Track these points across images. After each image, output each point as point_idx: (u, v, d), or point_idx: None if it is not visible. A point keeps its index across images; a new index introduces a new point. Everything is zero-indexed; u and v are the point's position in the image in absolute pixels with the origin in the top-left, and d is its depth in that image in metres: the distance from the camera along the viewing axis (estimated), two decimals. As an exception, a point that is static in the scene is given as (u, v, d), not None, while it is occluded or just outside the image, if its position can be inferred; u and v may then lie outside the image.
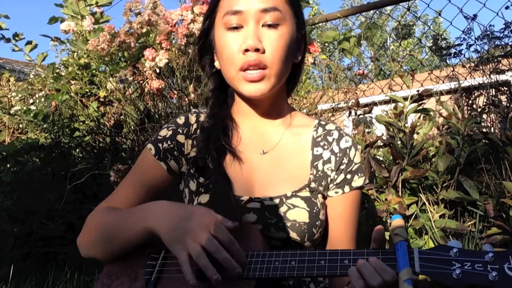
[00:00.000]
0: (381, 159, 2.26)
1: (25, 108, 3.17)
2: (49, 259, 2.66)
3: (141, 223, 0.99)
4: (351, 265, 0.83)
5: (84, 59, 2.81)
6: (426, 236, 1.91)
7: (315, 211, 1.03)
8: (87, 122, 2.76)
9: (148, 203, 1.04)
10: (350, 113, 2.67)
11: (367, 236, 1.71)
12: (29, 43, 3.16)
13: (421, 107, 2.13)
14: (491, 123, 2.56)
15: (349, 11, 3.34)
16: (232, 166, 1.08)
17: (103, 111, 2.78)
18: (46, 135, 3.00)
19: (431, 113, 2.22)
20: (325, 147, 1.11)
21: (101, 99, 2.77)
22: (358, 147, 1.16)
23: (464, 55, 2.94)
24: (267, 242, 0.99)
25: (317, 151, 1.11)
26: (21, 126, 3.55)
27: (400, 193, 1.94)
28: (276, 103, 1.12)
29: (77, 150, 2.95)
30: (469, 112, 2.53)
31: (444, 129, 2.30)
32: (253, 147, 1.11)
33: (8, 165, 2.85)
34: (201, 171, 1.07)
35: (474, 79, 2.77)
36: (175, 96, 2.48)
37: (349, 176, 1.09)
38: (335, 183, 1.09)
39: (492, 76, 2.68)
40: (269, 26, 1.03)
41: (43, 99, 3.21)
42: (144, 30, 2.39)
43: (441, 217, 1.91)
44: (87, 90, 2.75)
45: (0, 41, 3.10)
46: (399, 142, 2.08)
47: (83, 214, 2.53)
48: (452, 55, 2.98)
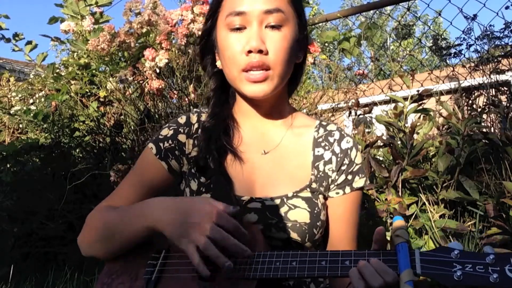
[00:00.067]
0: (381, 159, 2.26)
1: (25, 108, 3.17)
2: (49, 259, 2.65)
3: (141, 222, 0.99)
4: (352, 266, 0.83)
5: (84, 59, 2.81)
6: (426, 236, 1.91)
7: (316, 211, 1.03)
8: (87, 122, 2.76)
9: (146, 200, 1.03)
10: (350, 113, 2.67)
11: (367, 236, 1.72)
12: (29, 43, 3.16)
13: (421, 107, 2.13)
14: (491, 123, 2.56)
15: (349, 11, 3.34)
16: (233, 166, 1.08)
17: (103, 111, 2.77)
18: (46, 135, 3.00)
19: (431, 113, 2.22)
20: (326, 148, 1.11)
21: (101, 99, 2.76)
22: (359, 147, 1.16)
23: (464, 55, 2.95)
24: (268, 242, 0.99)
25: (318, 152, 1.11)
26: (21, 126, 3.55)
27: (400, 193, 1.94)
28: (277, 103, 1.12)
29: (77, 150, 2.95)
30: (469, 112, 2.53)
31: (444, 129, 2.30)
32: (254, 147, 1.11)
33: (8, 165, 2.85)
34: (202, 171, 1.07)
35: (474, 79, 2.77)
36: (175, 96, 2.48)
37: (350, 177, 1.09)
38: (336, 183, 1.09)
39: (492, 76, 2.68)
40: (272, 27, 1.02)
41: (43, 99, 3.21)
42: (144, 30, 2.39)
43: (441, 217, 1.92)
44: (87, 90, 2.75)
45: (0, 41, 3.10)
46: (399, 142, 2.09)
47: (83, 214, 2.52)
48: (452, 55, 2.98)
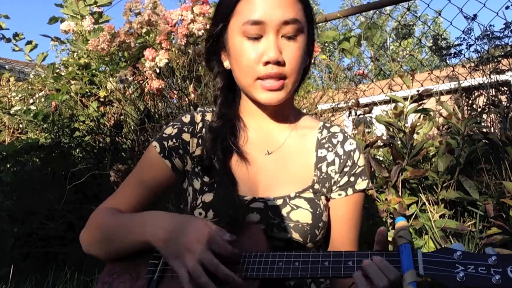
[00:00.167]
0: (381, 159, 2.26)
1: (25, 108, 3.17)
2: (49, 259, 2.66)
3: (138, 236, 1.00)
4: (355, 267, 0.83)
5: (84, 59, 2.81)
6: (426, 236, 1.91)
7: (318, 212, 1.03)
8: (87, 122, 2.76)
9: (146, 213, 1.05)
10: (350, 113, 2.67)
11: (367, 236, 1.72)
12: (29, 43, 3.16)
13: (421, 107, 2.13)
14: (491, 123, 2.56)
15: (349, 11, 3.34)
16: (237, 166, 1.08)
17: (103, 111, 2.78)
18: (46, 135, 3.00)
19: (431, 113, 2.23)
20: (330, 149, 1.11)
21: (101, 99, 2.77)
22: (362, 150, 1.16)
23: (464, 55, 2.95)
24: (269, 242, 0.99)
25: (321, 153, 1.11)
26: (21, 126, 3.55)
27: (400, 193, 1.94)
28: (283, 104, 1.12)
29: (77, 150, 2.95)
30: (469, 112, 2.53)
31: (444, 129, 2.30)
32: (259, 147, 1.11)
33: (8, 165, 2.85)
34: (207, 171, 1.07)
35: (474, 79, 2.77)
36: (175, 96, 2.48)
37: (352, 178, 1.09)
38: (338, 185, 1.09)
39: (492, 76, 2.68)
40: (289, 38, 1.02)
41: (43, 99, 3.21)
42: (144, 30, 2.39)
43: (441, 217, 1.92)
44: (87, 90, 2.75)
45: (0, 41, 3.10)
46: (399, 142, 2.09)
47: (83, 214, 2.53)
48: (452, 55, 2.98)
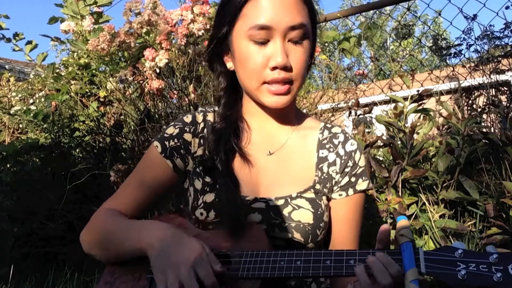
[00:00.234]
0: (381, 159, 2.26)
1: (25, 108, 3.17)
2: (49, 259, 2.65)
3: (135, 243, 1.00)
4: (357, 266, 0.83)
5: (84, 59, 2.81)
6: (426, 236, 1.91)
7: (319, 212, 1.04)
8: (87, 122, 2.76)
9: (146, 221, 1.06)
10: (350, 113, 2.67)
11: (366, 236, 1.72)
12: (29, 43, 3.16)
13: (421, 107, 2.13)
14: (491, 123, 2.57)
15: (349, 11, 3.34)
16: (240, 167, 1.08)
17: (103, 111, 2.78)
18: (46, 135, 3.00)
19: (431, 113, 2.23)
20: (331, 150, 1.12)
21: (101, 99, 2.77)
22: (363, 150, 1.16)
23: (464, 55, 2.95)
24: (271, 242, 0.99)
25: (323, 153, 1.11)
26: (21, 126, 3.55)
27: (400, 193, 1.94)
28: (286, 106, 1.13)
29: (77, 150, 2.95)
30: (469, 112, 2.53)
31: (444, 129, 2.30)
32: (261, 148, 1.12)
33: (8, 165, 2.85)
34: (209, 172, 1.07)
35: (474, 79, 2.77)
36: (175, 96, 2.48)
37: (353, 179, 1.10)
38: (339, 185, 1.09)
39: (492, 76, 2.68)
40: (296, 42, 1.03)
41: (43, 99, 3.21)
42: (144, 30, 2.39)
43: (441, 217, 1.92)
44: (87, 90, 2.75)
45: (0, 41, 3.10)
46: (399, 142, 2.09)
47: (83, 214, 2.53)
48: (452, 55, 2.98)
